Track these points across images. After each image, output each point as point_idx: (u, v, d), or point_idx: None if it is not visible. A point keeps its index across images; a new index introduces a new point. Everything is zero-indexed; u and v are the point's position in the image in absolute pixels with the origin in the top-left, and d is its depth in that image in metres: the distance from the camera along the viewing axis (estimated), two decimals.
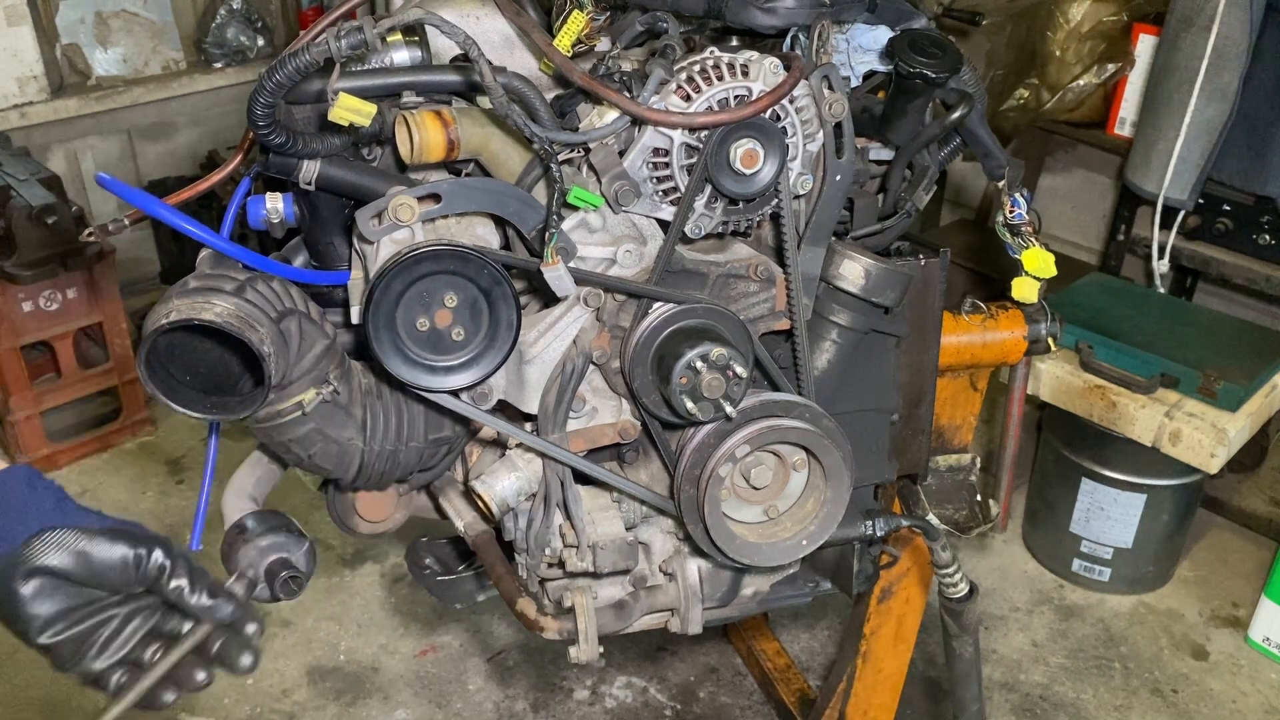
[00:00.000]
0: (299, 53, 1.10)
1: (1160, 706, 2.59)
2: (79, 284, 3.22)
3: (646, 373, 1.23)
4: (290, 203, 1.32)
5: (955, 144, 1.45)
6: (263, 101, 1.13)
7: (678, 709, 2.56)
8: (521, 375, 1.25)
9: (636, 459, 1.37)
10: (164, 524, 3.07)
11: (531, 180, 1.25)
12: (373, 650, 2.73)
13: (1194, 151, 2.72)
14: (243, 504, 1.38)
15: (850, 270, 1.32)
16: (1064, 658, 2.72)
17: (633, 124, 1.20)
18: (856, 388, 1.41)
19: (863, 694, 2.02)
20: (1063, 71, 3.20)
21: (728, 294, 1.30)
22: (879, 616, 1.90)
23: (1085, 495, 2.80)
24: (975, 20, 2.26)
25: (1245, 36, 2.58)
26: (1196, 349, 2.54)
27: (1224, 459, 2.41)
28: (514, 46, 1.34)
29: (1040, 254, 1.48)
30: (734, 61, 1.19)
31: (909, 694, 2.18)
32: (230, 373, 1.24)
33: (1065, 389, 2.57)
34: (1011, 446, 1.73)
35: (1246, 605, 2.84)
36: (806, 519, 1.30)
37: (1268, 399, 2.50)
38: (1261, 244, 2.83)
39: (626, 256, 1.24)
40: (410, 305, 1.13)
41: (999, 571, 3.00)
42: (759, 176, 1.20)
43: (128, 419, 3.43)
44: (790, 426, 1.24)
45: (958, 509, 1.66)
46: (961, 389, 1.67)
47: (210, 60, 4.24)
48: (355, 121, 1.13)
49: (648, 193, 1.21)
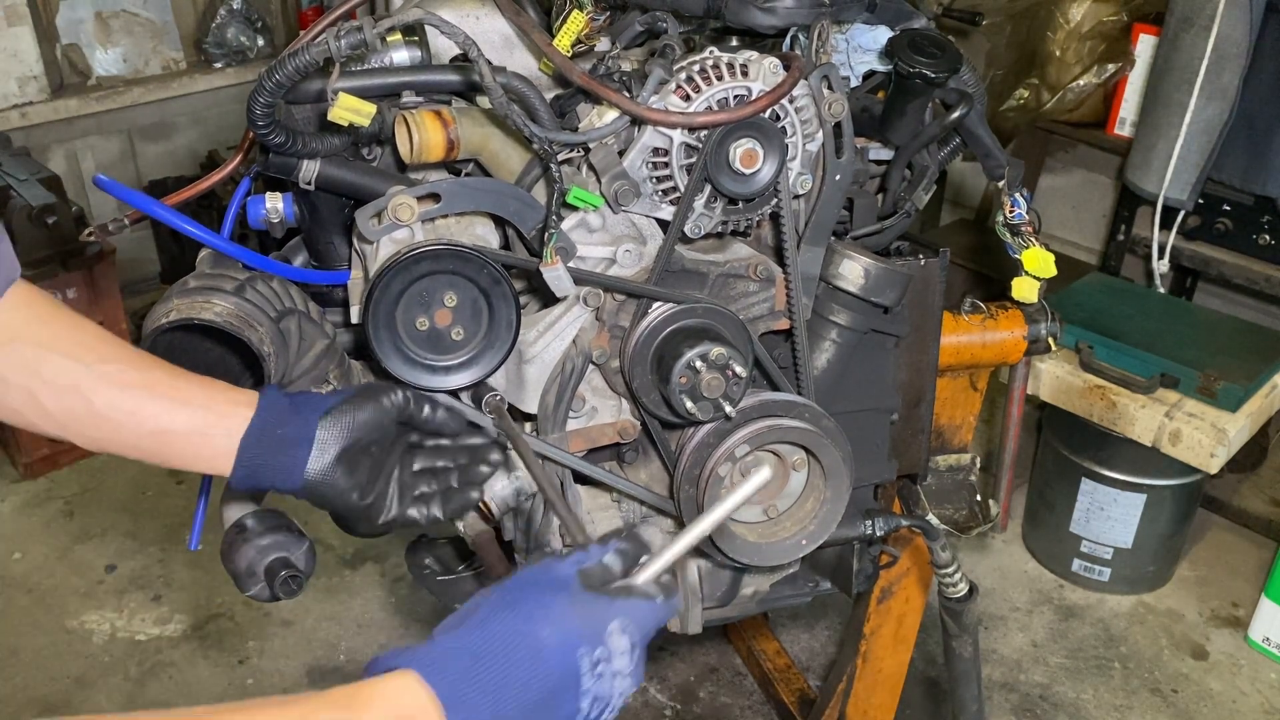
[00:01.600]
0: (299, 53, 1.10)
1: (1160, 706, 2.59)
2: (79, 284, 3.22)
3: (646, 372, 1.23)
4: (290, 202, 1.32)
5: (955, 144, 1.45)
6: (262, 101, 1.13)
7: (678, 709, 2.56)
8: (521, 375, 1.25)
9: (636, 459, 1.37)
10: (164, 524, 3.07)
11: (531, 180, 1.25)
12: (373, 650, 2.73)
13: (1194, 151, 2.72)
14: (242, 503, 1.38)
15: (850, 270, 1.32)
16: (1064, 658, 2.72)
17: (632, 124, 1.20)
18: (856, 387, 1.41)
19: (863, 694, 2.02)
20: (1063, 71, 3.20)
21: (727, 293, 1.30)
22: (879, 616, 1.90)
23: (1085, 495, 2.80)
24: (975, 20, 2.26)
25: (1245, 36, 2.58)
26: (1196, 349, 2.54)
27: (1224, 459, 2.41)
28: (514, 46, 1.34)
29: (1040, 254, 1.48)
30: (733, 61, 1.19)
31: (909, 694, 2.18)
32: (230, 372, 1.24)
33: (1065, 389, 2.57)
34: (1011, 446, 1.73)
35: (1246, 605, 2.84)
36: (806, 519, 1.30)
37: (1268, 399, 2.50)
38: (1261, 244, 2.82)
39: (626, 256, 1.24)
40: (410, 305, 1.14)
41: (999, 571, 3.00)
42: (758, 176, 1.20)
43: None
44: (790, 426, 1.24)
45: (957, 509, 1.66)
46: (961, 389, 1.67)
47: (210, 60, 4.24)
48: (355, 121, 1.13)
49: (647, 192, 1.21)
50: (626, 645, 0.83)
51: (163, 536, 3.03)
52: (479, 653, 0.78)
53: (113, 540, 3.03)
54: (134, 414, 1.03)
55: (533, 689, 0.77)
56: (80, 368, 1.02)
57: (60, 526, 3.08)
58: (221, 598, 2.82)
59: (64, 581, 2.89)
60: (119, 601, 2.83)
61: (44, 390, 1.02)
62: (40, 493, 3.20)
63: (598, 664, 0.81)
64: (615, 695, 0.83)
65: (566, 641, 0.80)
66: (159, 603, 2.83)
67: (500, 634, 0.79)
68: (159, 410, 1.03)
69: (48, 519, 3.11)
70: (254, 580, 1.23)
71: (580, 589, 0.84)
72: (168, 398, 1.03)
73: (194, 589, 2.86)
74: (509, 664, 0.77)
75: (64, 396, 1.02)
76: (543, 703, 0.78)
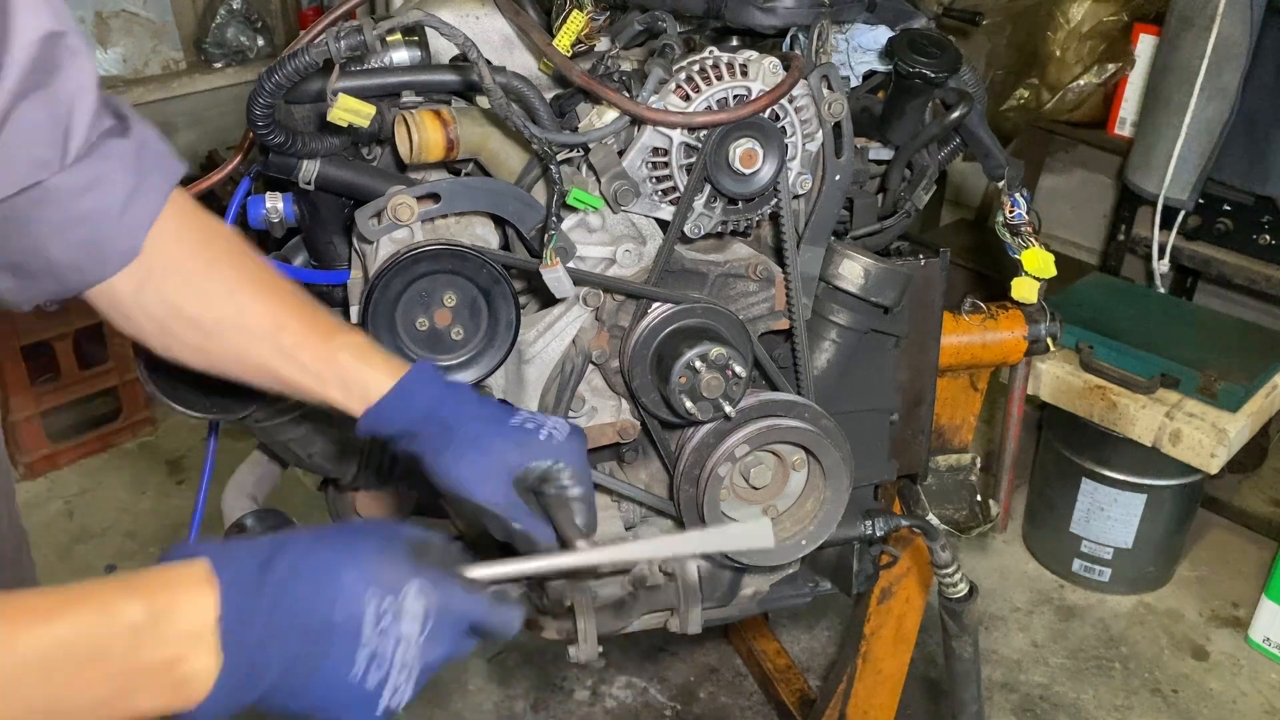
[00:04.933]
0: (299, 54, 1.10)
1: (1160, 706, 2.59)
2: None
3: (646, 372, 1.23)
4: (290, 202, 1.32)
5: (955, 144, 1.45)
6: (262, 102, 1.13)
7: (678, 709, 2.56)
8: (521, 375, 1.25)
9: (636, 459, 1.37)
10: (164, 524, 3.07)
11: (531, 180, 1.25)
12: None
13: (1194, 151, 2.72)
14: (242, 503, 1.38)
15: (850, 270, 1.32)
16: (1064, 658, 2.72)
17: (632, 124, 1.20)
18: (856, 387, 1.41)
19: (863, 694, 2.02)
20: (1063, 71, 3.20)
21: (727, 293, 1.30)
22: (879, 616, 1.90)
23: (1085, 495, 2.80)
24: (975, 20, 2.26)
25: (1245, 36, 2.57)
26: (1196, 349, 2.54)
27: (1224, 459, 2.41)
28: (513, 46, 1.34)
29: (1040, 254, 1.48)
30: (733, 61, 1.19)
31: (909, 694, 2.18)
32: None
33: (1065, 389, 2.57)
34: (1011, 446, 1.73)
35: (1246, 605, 2.84)
36: (806, 519, 1.30)
37: (1268, 399, 2.49)
38: (1261, 244, 2.82)
39: (626, 256, 1.24)
40: (409, 305, 1.13)
41: (999, 571, 2.99)
42: (758, 176, 1.20)
43: (128, 419, 3.43)
44: (789, 426, 1.24)
45: (958, 509, 1.66)
46: (961, 389, 1.67)
47: (210, 60, 4.24)
48: (354, 123, 1.13)
49: (647, 192, 1.21)
50: (420, 611, 0.78)
51: (163, 536, 3.03)
52: (272, 561, 0.75)
53: (113, 540, 3.03)
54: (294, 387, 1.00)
55: (313, 612, 0.75)
56: (269, 347, 0.98)
57: (60, 526, 3.08)
58: None
59: (64, 581, 2.89)
60: None
61: (215, 349, 0.98)
62: (40, 493, 3.20)
63: (383, 617, 0.76)
64: (393, 663, 0.77)
65: (360, 579, 0.76)
66: None
67: (299, 552, 0.77)
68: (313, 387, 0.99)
69: (48, 519, 3.10)
70: None
71: (401, 549, 0.80)
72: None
73: None
74: (295, 578, 0.75)
75: (250, 372, 0.99)
76: (319, 633, 0.75)
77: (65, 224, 0.89)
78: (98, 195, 0.90)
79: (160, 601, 0.72)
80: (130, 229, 0.93)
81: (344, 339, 0.99)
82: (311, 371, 0.98)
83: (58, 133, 0.86)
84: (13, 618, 0.70)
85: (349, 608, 0.76)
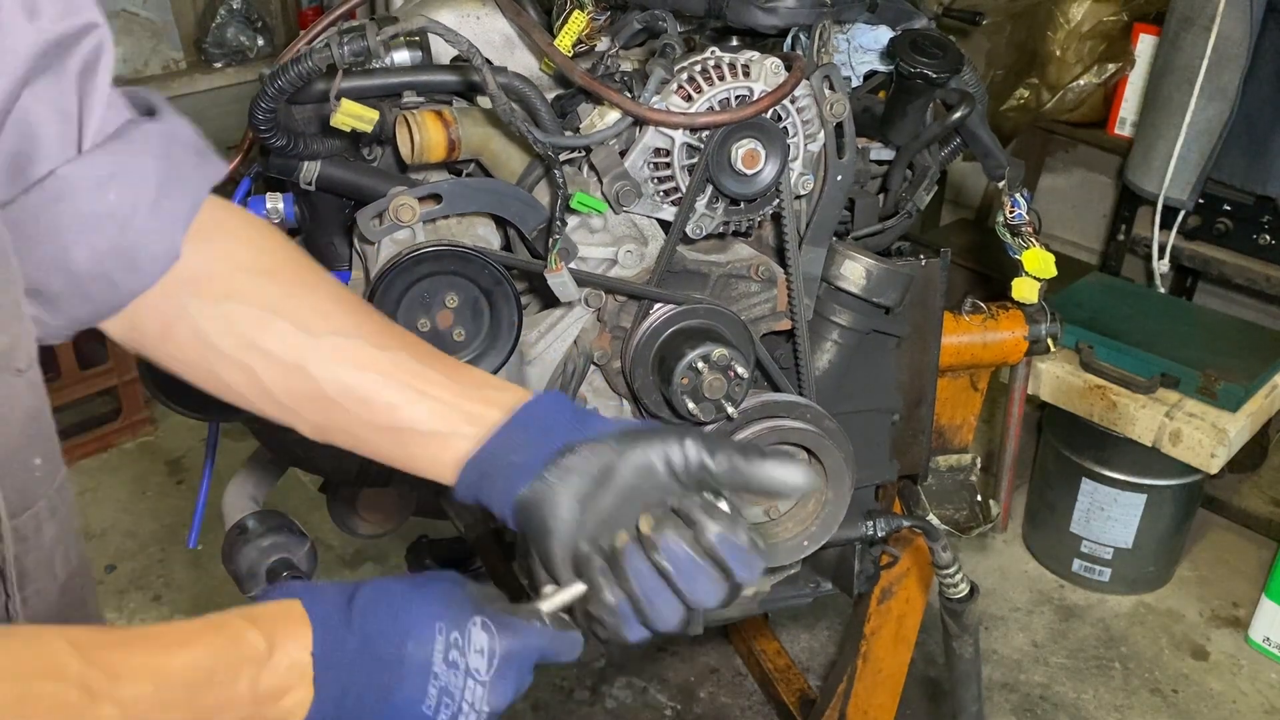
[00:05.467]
0: (302, 59, 1.10)
1: (1160, 706, 2.59)
2: None
3: (648, 373, 1.23)
4: (291, 203, 1.32)
5: (956, 144, 1.45)
6: (265, 106, 1.13)
7: (678, 709, 2.56)
8: (523, 376, 1.25)
9: None
10: (164, 524, 3.07)
11: (533, 180, 1.25)
12: None
13: (1194, 151, 2.72)
14: (243, 504, 1.38)
15: (851, 270, 1.32)
16: (1064, 658, 2.72)
17: (634, 124, 1.20)
18: (857, 388, 1.41)
19: (863, 694, 2.02)
20: (1063, 71, 3.20)
21: (729, 294, 1.30)
22: (879, 617, 1.90)
23: (1085, 495, 2.80)
24: (975, 20, 2.26)
25: (1245, 36, 2.58)
26: (1196, 349, 2.54)
27: (1224, 459, 2.41)
28: (514, 46, 1.33)
29: (1040, 254, 1.48)
30: (735, 61, 1.19)
31: (909, 694, 2.18)
32: None
33: (1065, 389, 2.57)
34: (1011, 446, 1.73)
35: (1246, 605, 2.84)
36: (808, 520, 1.30)
37: (1268, 399, 2.50)
38: (1261, 244, 2.82)
39: (628, 257, 1.24)
40: (411, 306, 1.13)
41: (999, 571, 3.00)
42: (760, 177, 1.20)
43: (128, 419, 3.43)
44: (791, 427, 1.24)
45: (958, 509, 1.66)
46: (962, 389, 1.67)
47: (210, 60, 4.24)
48: (357, 127, 1.13)
49: (649, 193, 1.21)
50: (485, 644, 0.78)
51: (163, 536, 3.03)
52: (354, 599, 0.78)
53: (113, 540, 3.02)
54: (366, 402, 0.86)
55: (389, 642, 0.77)
56: (307, 339, 0.85)
57: None
58: (221, 598, 2.82)
59: None
60: (119, 601, 2.83)
61: (263, 365, 0.85)
62: None
63: (451, 649, 0.77)
64: (463, 701, 0.77)
65: (430, 613, 0.78)
66: (159, 603, 2.83)
67: (377, 588, 0.79)
68: (396, 401, 0.86)
69: None
70: (255, 581, 1.23)
71: (465, 591, 0.81)
72: (410, 386, 0.86)
73: (194, 589, 2.86)
74: (374, 611, 0.78)
75: (288, 376, 0.85)
76: (393, 663, 0.77)
77: (88, 224, 0.78)
78: (123, 188, 0.79)
79: (276, 635, 0.74)
80: (165, 228, 0.82)
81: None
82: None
83: (69, 116, 0.78)
84: (157, 642, 0.71)
85: (421, 638, 0.78)
